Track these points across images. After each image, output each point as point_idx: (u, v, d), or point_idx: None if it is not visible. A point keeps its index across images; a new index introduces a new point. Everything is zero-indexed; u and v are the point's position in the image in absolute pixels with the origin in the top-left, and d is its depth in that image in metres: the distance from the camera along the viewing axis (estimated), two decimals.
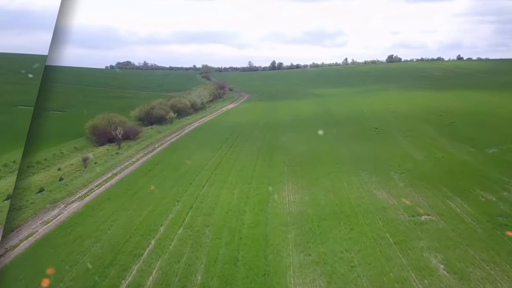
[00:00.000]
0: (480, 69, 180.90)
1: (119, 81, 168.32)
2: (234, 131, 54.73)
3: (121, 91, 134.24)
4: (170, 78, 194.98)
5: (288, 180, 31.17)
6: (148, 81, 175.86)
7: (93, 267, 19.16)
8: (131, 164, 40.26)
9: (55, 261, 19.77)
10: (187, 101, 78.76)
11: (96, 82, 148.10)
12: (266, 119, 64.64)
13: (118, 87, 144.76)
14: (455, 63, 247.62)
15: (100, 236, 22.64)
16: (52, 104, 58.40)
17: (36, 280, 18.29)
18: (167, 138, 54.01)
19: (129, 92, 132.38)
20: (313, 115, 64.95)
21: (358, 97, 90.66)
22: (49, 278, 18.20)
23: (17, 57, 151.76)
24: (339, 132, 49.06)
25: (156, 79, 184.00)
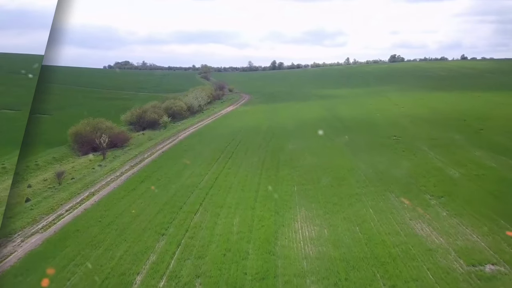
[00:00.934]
0: (485, 69, 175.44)
1: (116, 82, 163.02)
2: (234, 138, 49.04)
3: (117, 92, 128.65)
4: (168, 79, 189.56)
5: (300, 204, 25.44)
6: (146, 81, 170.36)
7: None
8: (113, 180, 34.50)
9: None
10: (183, 103, 73.07)
11: (92, 83, 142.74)
12: (269, 123, 58.93)
13: (115, 88, 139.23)
14: (459, 63, 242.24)
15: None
16: (42, 106, 54.18)
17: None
18: (158, 146, 48.28)
19: (125, 93, 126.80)
20: (319, 120, 59.20)
21: (366, 99, 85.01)
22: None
23: (15, 57, 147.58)
24: (352, 140, 43.36)
25: (154, 80, 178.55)
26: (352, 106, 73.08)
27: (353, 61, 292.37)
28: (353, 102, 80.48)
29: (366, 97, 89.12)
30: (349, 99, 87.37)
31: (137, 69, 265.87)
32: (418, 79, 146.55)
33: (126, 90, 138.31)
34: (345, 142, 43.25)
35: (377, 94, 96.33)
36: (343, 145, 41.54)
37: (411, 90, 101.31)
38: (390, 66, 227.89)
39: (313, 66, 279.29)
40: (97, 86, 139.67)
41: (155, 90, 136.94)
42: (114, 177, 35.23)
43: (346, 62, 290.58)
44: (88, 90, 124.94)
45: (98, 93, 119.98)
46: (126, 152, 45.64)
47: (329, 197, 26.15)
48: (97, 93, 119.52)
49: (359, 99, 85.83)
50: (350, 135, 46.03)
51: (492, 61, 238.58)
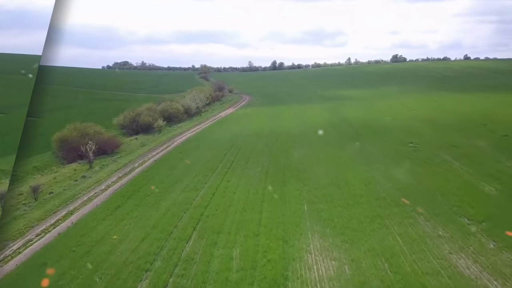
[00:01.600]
0: (491, 68, 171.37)
1: (113, 82, 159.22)
2: (234, 144, 44.99)
3: (113, 92, 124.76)
4: (167, 79, 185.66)
5: (312, 229, 21.37)
6: (144, 81, 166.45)
7: None
8: (97, 194, 30.45)
9: None
10: (180, 105, 68.99)
11: (88, 83, 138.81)
12: (271, 127, 54.85)
13: (111, 89, 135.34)
14: (462, 63, 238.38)
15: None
16: (40, 107, 51.97)
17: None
18: (151, 153, 44.21)
19: (122, 94, 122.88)
20: (326, 123, 55.09)
21: (373, 100, 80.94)
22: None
23: (13, 57, 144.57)
24: (365, 148, 39.33)
25: (152, 80, 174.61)
26: (359, 109, 69.00)
27: (355, 61, 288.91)
28: (360, 104, 76.41)
29: (372, 99, 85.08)
30: (354, 101, 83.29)
31: (136, 69, 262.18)
32: (423, 79, 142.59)
33: (123, 91, 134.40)
34: (357, 149, 39.20)
35: (384, 95, 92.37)
36: (355, 153, 37.47)
37: (419, 91, 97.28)
38: (392, 66, 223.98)
39: (314, 66, 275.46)
40: (94, 87, 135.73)
41: (153, 91, 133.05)
42: (99, 191, 31.15)
43: (348, 62, 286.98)
44: (83, 91, 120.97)
45: (93, 94, 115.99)
46: (115, 160, 41.54)
47: (346, 220, 22.06)
48: (93, 94, 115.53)
49: (365, 101, 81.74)
50: (361, 142, 41.98)
51: (496, 61, 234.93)
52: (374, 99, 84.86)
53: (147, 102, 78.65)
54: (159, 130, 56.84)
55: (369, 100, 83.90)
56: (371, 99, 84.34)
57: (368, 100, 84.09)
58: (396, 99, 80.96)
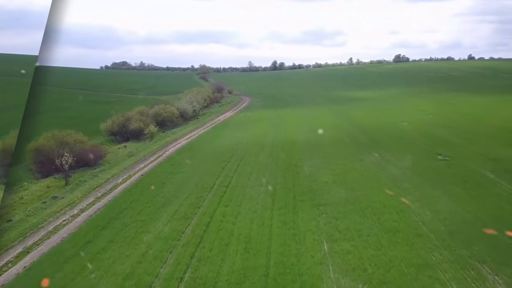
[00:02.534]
0: (499, 68, 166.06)
1: (109, 83, 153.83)
2: (233, 154, 39.48)
3: (108, 94, 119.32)
4: (165, 79, 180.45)
5: (339, 282, 15.83)
6: (141, 82, 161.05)
7: None
8: (66, 223, 24.90)
9: None
10: (175, 108, 63.43)
11: (83, 84, 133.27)
12: (275, 134, 49.27)
13: (106, 90, 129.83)
14: (468, 63, 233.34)
15: None
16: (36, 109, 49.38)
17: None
18: (139, 165, 38.67)
19: (117, 95, 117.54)
20: (335, 129, 49.59)
21: (382, 103, 75.41)
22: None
23: (12, 57, 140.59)
24: (387, 161, 33.79)
25: (149, 81, 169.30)
26: (369, 112, 63.45)
27: (357, 61, 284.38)
28: (369, 107, 70.85)
29: (381, 101, 79.59)
30: (362, 103, 77.74)
31: (134, 69, 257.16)
32: (430, 79, 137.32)
33: (119, 92, 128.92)
34: (377, 162, 33.66)
35: (392, 96, 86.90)
36: (376, 168, 31.90)
37: (428, 92, 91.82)
38: (396, 66, 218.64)
39: (315, 66, 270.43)
40: (88, 88, 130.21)
41: (150, 92, 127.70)
42: (69, 218, 25.58)
43: (349, 62, 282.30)
44: (76, 92, 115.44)
45: (87, 96, 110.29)
46: (96, 174, 35.96)
47: (384, 271, 16.49)
48: (86, 96, 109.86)
49: (373, 103, 76.19)
50: (380, 152, 36.46)
51: (502, 61, 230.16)
52: (383, 101, 79.39)
53: (141, 105, 73.52)
54: (150, 137, 51.27)
55: (377, 102, 78.43)
56: (380, 101, 78.86)
57: (376, 102, 78.61)
58: (407, 101, 75.48)
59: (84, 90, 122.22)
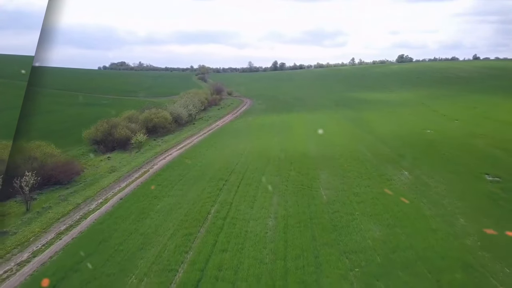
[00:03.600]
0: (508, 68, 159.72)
1: (104, 84, 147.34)
2: (233, 171, 33.08)
3: (100, 96, 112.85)
4: (162, 80, 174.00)
5: None
6: (138, 83, 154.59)
7: None
8: (6, 276, 18.43)
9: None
10: (168, 113, 56.96)
11: (77, 85, 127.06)
12: (282, 145, 42.73)
13: (99, 91, 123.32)
14: (474, 63, 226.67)
15: None
16: (32, 111, 45.62)
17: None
18: (120, 184, 32.24)
19: (109, 97, 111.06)
20: (352, 139, 43.12)
21: (397, 107, 68.87)
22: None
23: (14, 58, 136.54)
24: (421, 181, 27.33)
25: (146, 81, 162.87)
26: (386, 117, 56.94)
27: (359, 61, 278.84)
28: (384, 111, 64.32)
29: (395, 104, 73.06)
30: (375, 106, 71.22)
31: (132, 69, 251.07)
32: (439, 80, 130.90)
33: (112, 93, 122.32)
34: (410, 183, 27.21)
35: (407, 99, 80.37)
36: (413, 193, 25.42)
37: (445, 94, 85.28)
38: (400, 67, 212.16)
39: (317, 66, 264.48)
40: (81, 89, 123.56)
41: (145, 94, 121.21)
42: (12, 269, 19.13)
43: (351, 62, 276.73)
44: (66, 93, 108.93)
45: (78, 98, 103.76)
46: (66, 197, 29.48)
47: None
48: (77, 98, 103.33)
49: (387, 107, 69.68)
50: (411, 170, 30.03)
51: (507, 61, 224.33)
52: (396, 104, 72.90)
53: (135, 107, 67.41)
54: (138, 147, 44.82)
55: (391, 105, 71.96)
56: (393, 104, 72.38)
57: (390, 105, 72.13)
58: (424, 104, 69.00)
59: (76, 92, 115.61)
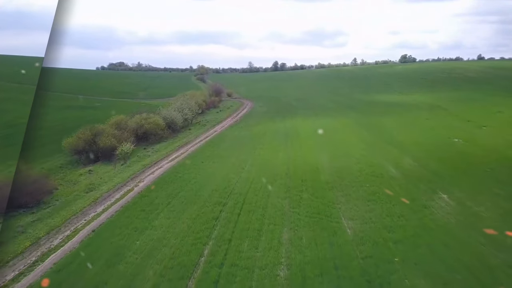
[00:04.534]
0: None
1: (99, 85, 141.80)
2: (232, 191, 27.54)
3: (92, 98, 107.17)
4: (160, 81, 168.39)
5: None
6: (135, 84, 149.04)
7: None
8: None
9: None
10: (160, 118, 51.31)
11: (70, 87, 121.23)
12: (289, 159, 36.98)
13: (92, 93, 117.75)
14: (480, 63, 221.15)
15: None
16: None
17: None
18: (95, 209, 26.61)
19: (102, 99, 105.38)
20: (371, 151, 37.44)
21: (413, 111, 63.11)
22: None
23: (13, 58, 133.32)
24: (467, 209, 21.73)
25: (142, 82, 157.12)
26: (403, 123, 51.16)
27: (361, 61, 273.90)
28: (399, 116, 58.58)
29: (409, 107, 67.33)
30: (387, 109, 65.48)
31: (131, 70, 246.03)
32: (448, 81, 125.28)
33: (105, 95, 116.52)
34: (458, 214, 21.59)
35: (420, 102, 74.67)
36: (463, 228, 19.81)
37: (460, 96, 79.56)
38: (404, 67, 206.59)
39: (318, 66, 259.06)
40: (73, 91, 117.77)
41: (142, 95, 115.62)
42: None
43: (353, 62, 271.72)
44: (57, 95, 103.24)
45: (68, 100, 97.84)
46: (26, 229, 23.87)
47: None
48: (68, 100, 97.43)
49: (402, 111, 63.87)
50: (451, 193, 24.43)
51: None
52: (409, 107, 67.22)
53: (129, 110, 62.04)
54: (124, 159, 39.20)
55: (404, 108, 66.26)
56: (407, 108, 66.70)
57: (402, 108, 66.43)
58: (440, 107, 63.36)
59: (68, 93, 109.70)
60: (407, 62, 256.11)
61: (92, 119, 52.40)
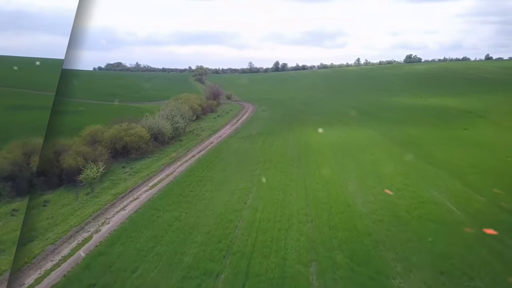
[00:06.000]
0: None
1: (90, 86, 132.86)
2: (228, 252, 18.77)
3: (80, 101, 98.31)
4: (157, 82, 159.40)
5: None
6: (128, 86, 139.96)
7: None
8: None
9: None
10: (145, 129, 42.37)
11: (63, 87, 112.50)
12: (304, 186, 28.10)
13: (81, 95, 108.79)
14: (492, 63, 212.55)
15: None
16: None
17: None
18: (31, 276, 17.68)
19: (90, 102, 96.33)
20: (416, 179, 28.43)
21: (446, 118, 53.99)
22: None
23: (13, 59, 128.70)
24: None
25: (139, 84, 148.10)
26: (442, 137, 41.77)
27: (365, 61, 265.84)
28: (431, 124, 49.46)
29: (438, 114, 58.20)
30: (413, 116, 56.36)
31: (128, 70, 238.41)
32: (466, 82, 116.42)
33: (95, 98, 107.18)
34: None
35: (445, 107, 65.65)
36: None
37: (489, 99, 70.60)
38: (411, 67, 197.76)
39: (320, 67, 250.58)
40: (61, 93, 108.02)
41: (132, 98, 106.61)
42: None
43: (357, 62, 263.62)
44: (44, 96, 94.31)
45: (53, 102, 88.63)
46: None
47: None
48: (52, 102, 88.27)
49: (433, 119, 54.65)
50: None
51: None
52: (438, 114, 58.09)
53: (117, 114, 53.78)
54: (90, 185, 30.28)
55: (432, 115, 57.18)
56: (435, 115, 57.60)
57: (430, 115, 57.35)
58: (475, 114, 54.38)
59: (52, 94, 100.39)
60: (412, 62, 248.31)
61: (76, 126, 43.68)
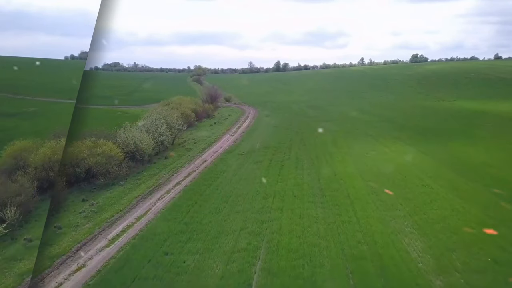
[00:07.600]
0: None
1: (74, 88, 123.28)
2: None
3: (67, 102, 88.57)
4: (151, 83, 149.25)
5: None
6: (119, 86, 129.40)
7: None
8: None
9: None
10: (115, 146, 32.45)
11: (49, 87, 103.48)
12: (337, 243, 18.32)
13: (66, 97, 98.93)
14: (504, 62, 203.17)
15: None
16: None
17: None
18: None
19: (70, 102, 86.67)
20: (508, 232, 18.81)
21: (498, 132, 44.40)
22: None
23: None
24: None
25: (131, 85, 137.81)
26: (507, 159, 32.22)
27: (369, 61, 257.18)
28: (479, 139, 39.71)
29: (478, 125, 48.49)
30: (450, 127, 46.61)
31: (126, 70, 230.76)
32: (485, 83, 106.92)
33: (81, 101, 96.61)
34: None
35: (484, 113, 56.07)
36: None
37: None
38: (421, 67, 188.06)
39: (323, 67, 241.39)
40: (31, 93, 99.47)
41: (121, 101, 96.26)
42: None
43: (361, 62, 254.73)
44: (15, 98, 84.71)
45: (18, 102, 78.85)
46: None
47: None
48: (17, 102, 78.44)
49: (480, 132, 44.83)
50: None
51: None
52: (484, 121, 48.36)
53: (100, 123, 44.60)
54: (12, 238, 20.40)
55: (470, 125, 47.53)
56: (475, 126, 47.91)
57: (468, 124, 47.68)
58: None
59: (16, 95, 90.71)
60: (418, 62, 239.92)
61: None
